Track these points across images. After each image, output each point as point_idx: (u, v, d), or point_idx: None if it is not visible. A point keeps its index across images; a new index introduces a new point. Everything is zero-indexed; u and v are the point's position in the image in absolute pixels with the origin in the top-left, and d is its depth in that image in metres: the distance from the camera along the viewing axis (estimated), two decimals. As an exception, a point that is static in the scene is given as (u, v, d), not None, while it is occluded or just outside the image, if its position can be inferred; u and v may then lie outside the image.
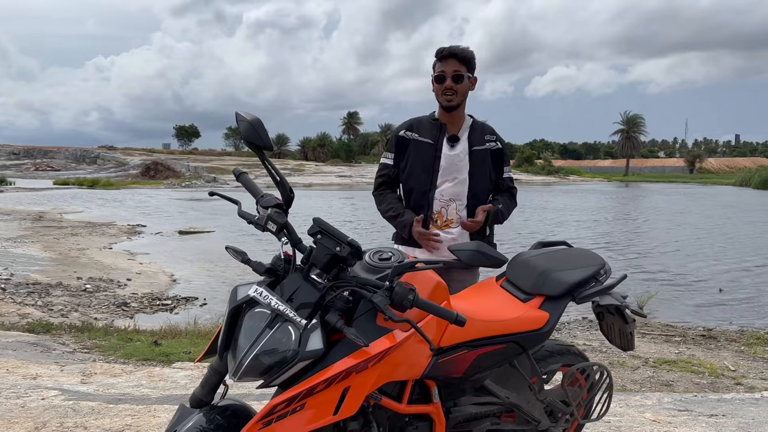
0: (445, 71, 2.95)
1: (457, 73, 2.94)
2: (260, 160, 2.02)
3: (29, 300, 9.01)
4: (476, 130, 3.09)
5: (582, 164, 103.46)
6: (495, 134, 3.15)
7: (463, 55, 2.95)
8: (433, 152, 3.01)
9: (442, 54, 2.96)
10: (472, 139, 3.05)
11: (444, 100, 2.97)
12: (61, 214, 24.45)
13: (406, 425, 2.17)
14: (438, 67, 2.98)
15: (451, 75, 2.93)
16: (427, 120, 3.10)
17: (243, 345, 1.76)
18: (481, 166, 3.05)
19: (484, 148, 3.07)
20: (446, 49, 2.96)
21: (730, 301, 10.31)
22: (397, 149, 3.11)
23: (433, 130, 3.04)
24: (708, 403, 4.42)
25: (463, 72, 2.95)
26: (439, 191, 3.00)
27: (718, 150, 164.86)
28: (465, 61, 2.96)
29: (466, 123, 3.09)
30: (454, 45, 2.99)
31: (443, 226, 3.01)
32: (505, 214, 3.11)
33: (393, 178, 3.14)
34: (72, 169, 68.73)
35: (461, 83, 2.95)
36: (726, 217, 25.86)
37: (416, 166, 3.03)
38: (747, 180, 54.64)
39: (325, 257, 1.86)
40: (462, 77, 2.95)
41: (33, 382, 4.05)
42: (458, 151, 3.02)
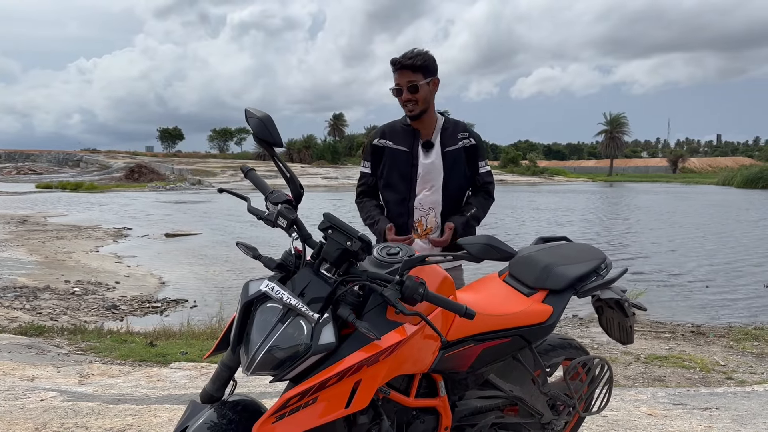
0: (400, 83, 2.89)
1: (412, 83, 2.87)
2: (270, 156, 2.03)
3: (17, 304, 8.91)
4: (448, 129, 3.05)
5: (566, 165, 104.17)
6: (468, 131, 3.10)
7: (415, 63, 2.86)
8: (409, 160, 2.98)
9: (395, 66, 2.89)
10: (445, 140, 3.01)
11: (407, 111, 2.94)
12: (46, 218, 24.20)
13: (414, 419, 2.19)
14: (394, 78, 2.92)
15: (407, 86, 2.87)
16: (399, 126, 3.05)
17: (255, 339, 1.77)
18: (454, 167, 3.01)
19: (457, 148, 3.02)
20: (398, 60, 2.87)
21: (718, 298, 10.46)
22: (373, 157, 3.08)
23: (407, 137, 3.00)
24: (701, 397, 4.48)
25: (418, 81, 2.87)
26: (418, 200, 2.98)
27: (700, 150, 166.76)
28: (420, 68, 2.87)
29: (438, 124, 3.05)
30: (407, 52, 2.90)
31: (424, 234, 2.99)
32: (480, 216, 3.06)
33: (372, 186, 3.12)
34: (55, 173, 68.00)
35: (418, 93, 2.88)
36: (713, 216, 26.17)
37: (393, 175, 3.00)
38: (729, 179, 55.33)
39: (336, 252, 1.87)
40: (417, 87, 2.87)
41: (30, 384, 4.02)
42: (432, 158, 2.99)
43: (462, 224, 2.96)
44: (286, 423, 1.75)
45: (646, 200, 37.28)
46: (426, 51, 2.92)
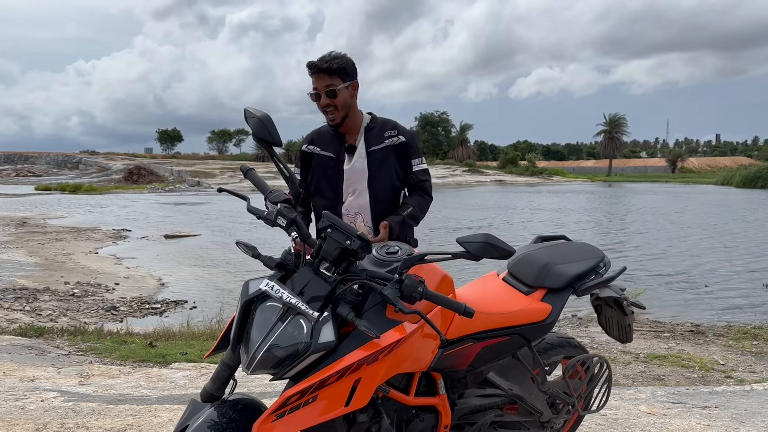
0: (317, 88, 2.78)
1: (329, 88, 2.76)
2: (269, 155, 2.04)
3: (17, 305, 8.92)
4: (374, 129, 2.93)
5: (565, 165, 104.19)
6: (398, 128, 2.96)
7: (332, 67, 2.75)
8: (336, 166, 2.89)
9: (312, 70, 2.78)
10: (369, 140, 2.91)
11: (328, 119, 2.85)
12: (45, 220, 24.21)
13: (413, 417, 2.20)
14: (312, 83, 2.81)
15: (324, 90, 2.77)
16: (327, 131, 2.95)
17: (255, 338, 1.78)
18: (381, 167, 2.90)
19: (383, 146, 2.90)
20: (315, 63, 2.76)
21: (717, 297, 10.47)
22: (302, 164, 2.98)
23: (334, 142, 2.91)
24: (700, 395, 4.49)
25: (336, 85, 2.76)
26: (345, 206, 2.91)
27: (699, 150, 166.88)
28: (337, 72, 2.76)
29: (364, 120, 2.95)
30: (324, 55, 2.79)
31: None
32: (417, 216, 2.93)
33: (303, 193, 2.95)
34: (54, 175, 68.01)
35: (336, 97, 2.78)
36: (713, 215, 26.18)
37: (321, 182, 2.92)
38: (729, 179, 55.32)
39: (335, 251, 1.88)
40: (335, 92, 2.77)
41: (31, 384, 4.03)
42: (355, 161, 2.90)
43: (398, 223, 2.83)
44: (286, 421, 1.75)
45: (645, 200, 37.30)
46: (344, 54, 2.82)
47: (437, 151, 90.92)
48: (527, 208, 30.84)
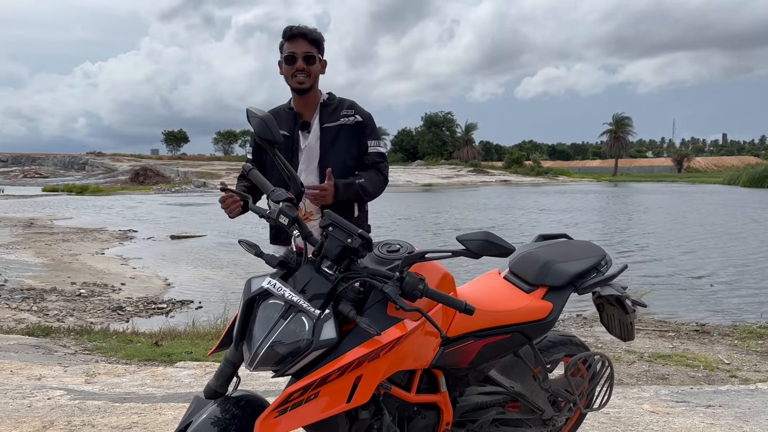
0: (295, 52, 2.75)
1: (308, 53, 2.76)
2: (271, 155, 2.07)
3: (24, 305, 8.98)
4: (329, 106, 2.89)
5: (571, 165, 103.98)
6: (354, 107, 2.91)
7: (312, 36, 2.77)
8: (290, 145, 2.82)
9: (291, 33, 2.76)
10: (324, 117, 2.86)
11: (295, 82, 2.79)
12: (52, 221, 24.34)
13: (415, 414, 2.22)
14: (287, 47, 2.77)
15: (302, 55, 2.75)
16: (283, 110, 2.90)
17: (258, 335, 1.80)
18: (333, 144, 2.83)
19: (338, 124, 2.85)
20: (294, 28, 2.76)
21: (722, 297, 10.44)
22: (255, 144, 2.91)
23: (289, 121, 2.85)
24: (704, 394, 4.49)
25: (314, 53, 2.78)
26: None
27: (705, 149, 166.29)
28: (315, 42, 2.78)
29: (322, 97, 2.91)
30: (302, 25, 2.80)
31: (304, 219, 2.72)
32: (368, 189, 2.82)
33: None
34: (60, 176, 68.33)
35: (313, 65, 2.78)
36: (720, 215, 26.09)
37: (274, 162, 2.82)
38: (735, 178, 55.11)
39: (336, 249, 1.90)
40: (314, 58, 2.77)
41: (38, 383, 4.07)
42: (310, 139, 2.84)
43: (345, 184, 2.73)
44: (289, 417, 1.77)
45: (651, 200, 37.18)
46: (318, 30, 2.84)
47: (442, 152, 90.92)
48: (534, 208, 30.80)
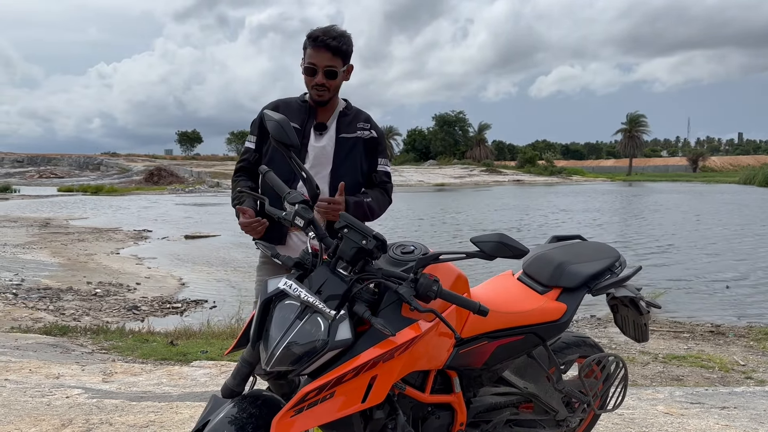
0: (316, 64, 2.56)
1: (330, 68, 2.57)
2: (287, 157, 2.09)
3: (41, 305, 9.09)
4: (348, 116, 2.75)
5: (584, 164, 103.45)
6: (371, 122, 2.80)
7: (338, 48, 2.56)
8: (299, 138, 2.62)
9: (315, 42, 2.56)
10: (341, 126, 2.72)
11: (314, 94, 2.64)
12: (68, 221, 24.59)
13: (429, 414, 2.23)
14: (309, 56, 2.58)
15: (323, 70, 2.57)
16: (296, 102, 2.74)
17: (274, 335, 1.82)
18: (348, 157, 2.70)
19: (355, 137, 2.72)
20: (320, 36, 2.55)
21: (738, 298, 10.35)
22: (260, 131, 2.72)
23: (301, 114, 2.69)
24: (719, 396, 4.47)
25: (337, 67, 2.58)
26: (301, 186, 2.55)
27: (721, 148, 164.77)
28: (341, 53, 2.58)
29: (338, 108, 2.75)
30: (330, 30, 2.58)
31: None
32: (375, 210, 2.72)
33: (254, 163, 2.74)
34: (75, 176, 68.95)
35: (335, 80, 2.61)
36: (737, 215, 25.85)
37: (278, 154, 2.59)
38: (751, 178, 54.58)
39: (351, 250, 1.91)
40: (335, 73, 2.59)
41: (56, 382, 4.13)
42: (324, 143, 2.69)
43: (354, 202, 2.62)
44: (304, 417, 1.79)
45: (666, 199, 36.89)
46: (349, 34, 2.63)
47: (454, 151, 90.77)
48: (553, 209, 30.62)
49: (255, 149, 2.75)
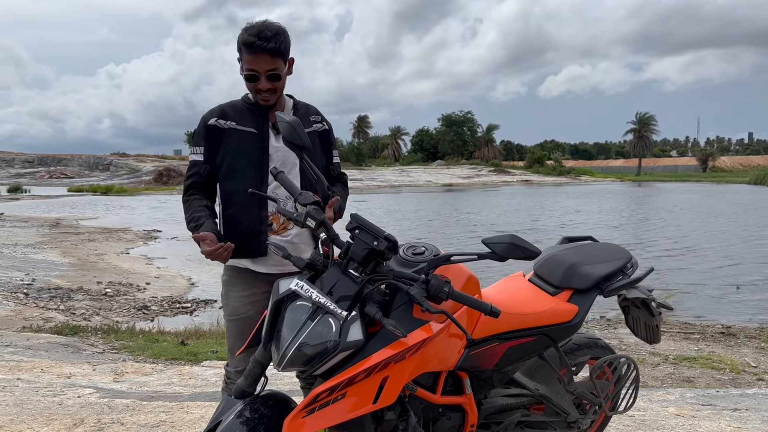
0: (257, 70, 2.40)
1: (273, 71, 2.41)
2: (299, 158, 2.10)
3: (52, 304, 9.16)
4: (299, 110, 2.65)
5: (593, 164, 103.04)
6: (320, 114, 2.73)
7: (276, 48, 2.39)
8: (258, 143, 2.50)
9: (251, 48, 2.37)
10: None
11: (260, 99, 2.49)
12: (78, 221, 24.74)
13: (440, 416, 2.23)
14: (248, 62, 2.41)
15: (266, 75, 2.42)
16: (242, 105, 2.57)
17: (286, 336, 1.82)
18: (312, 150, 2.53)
19: (312, 131, 2.62)
20: (255, 42, 2.36)
21: (749, 299, 10.28)
22: (208, 142, 2.52)
23: (255, 118, 2.53)
24: (730, 397, 4.44)
25: (279, 69, 2.42)
26: (272, 188, 2.50)
27: (731, 148, 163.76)
28: (280, 53, 2.41)
29: (288, 105, 2.64)
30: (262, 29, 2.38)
31: (281, 229, 2.56)
32: (344, 207, 2.62)
33: (206, 176, 2.55)
34: (85, 176, 69.35)
35: (279, 81, 2.46)
36: (748, 215, 25.68)
37: (239, 162, 2.49)
38: (762, 178, 54.22)
39: (363, 251, 1.92)
40: (279, 75, 2.44)
41: (68, 381, 4.16)
42: None
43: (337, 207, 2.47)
44: (316, 417, 1.80)
45: (677, 200, 36.68)
46: (283, 27, 2.46)
47: (462, 151, 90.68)
48: (568, 210, 30.49)
49: (205, 161, 2.54)
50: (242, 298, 2.53)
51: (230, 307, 2.56)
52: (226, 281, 2.61)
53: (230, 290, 2.57)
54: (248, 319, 2.52)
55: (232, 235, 2.45)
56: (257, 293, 2.53)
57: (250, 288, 2.55)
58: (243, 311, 2.53)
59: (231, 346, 2.59)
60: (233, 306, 2.55)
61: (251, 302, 2.53)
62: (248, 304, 2.53)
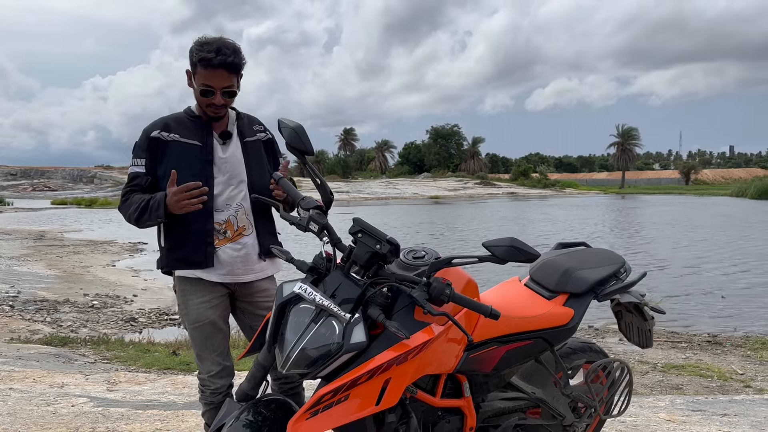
0: (213, 86, 2.42)
1: (229, 89, 2.46)
2: (302, 163, 2.13)
3: (38, 317, 9.06)
4: (242, 120, 2.67)
5: (578, 177, 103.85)
6: (262, 124, 2.76)
7: (234, 65, 2.44)
8: (203, 156, 2.52)
9: (210, 64, 2.39)
10: (242, 130, 2.64)
11: (210, 112, 2.51)
12: (62, 233, 24.54)
13: (439, 419, 2.26)
14: (203, 77, 2.42)
15: (221, 91, 2.44)
16: (185, 118, 2.58)
17: (290, 339, 1.84)
18: (257, 160, 2.64)
19: (256, 139, 2.66)
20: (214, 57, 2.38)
21: (734, 308, 10.41)
22: (150, 154, 2.52)
23: (198, 130, 2.54)
24: (719, 404, 4.50)
25: (234, 86, 2.47)
26: (223, 200, 2.55)
27: (713, 161, 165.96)
28: (236, 69, 2.47)
29: (231, 116, 2.64)
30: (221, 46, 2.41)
31: (236, 236, 2.57)
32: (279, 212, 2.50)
33: (147, 188, 2.54)
34: (69, 189, 68.81)
35: (232, 98, 2.51)
36: (731, 226, 26.00)
37: (183, 174, 2.44)
38: (743, 191, 54.89)
39: (366, 255, 1.95)
40: (234, 92, 2.49)
41: (61, 391, 4.13)
42: (231, 150, 2.59)
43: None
44: (320, 419, 1.82)
45: (661, 212, 37.05)
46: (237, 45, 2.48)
47: (448, 164, 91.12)
48: (559, 221, 30.69)
49: (146, 173, 2.53)
50: (203, 304, 2.56)
51: (192, 315, 2.57)
52: (182, 290, 2.60)
53: (188, 298, 2.58)
54: (211, 324, 2.57)
55: (177, 248, 2.52)
56: (216, 297, 2.57)
57: (208, 293, 2.58)
58: (205, 317, 2.56)
59: (198, 353, 2.63)
60: (195, 313, 2.56)
61: (212, 307, 2.57)
62: (209, 309, 2.56)
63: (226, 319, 2.68)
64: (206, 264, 2.53)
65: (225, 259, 2.56)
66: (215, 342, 2.61)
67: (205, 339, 2.59)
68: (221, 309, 2.61)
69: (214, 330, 2.59)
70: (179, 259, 2.55)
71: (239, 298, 2.67)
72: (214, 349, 2.61)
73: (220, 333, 2.62)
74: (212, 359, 2.62)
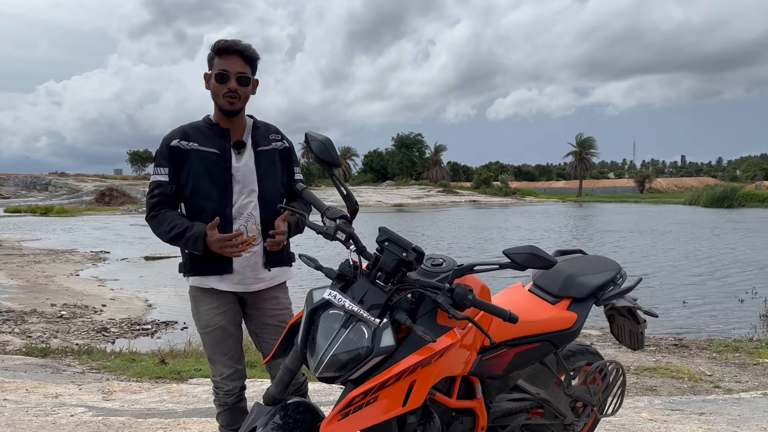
0: (228, 70, 2.55)
1: (242, 74, 2.57)
2: (329, 175, 2.21)
3: (5, 328, 8.84)
4: (259, 129, 2.75)
5: (537, 185, 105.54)
6: (280, 133, 2.82)
7: (248, 53, 2.60)
8: (221, 163, 2.60)
9: (225, 49, 2.56)
10: (257, 140, 2.70)
11: (226, 102, 2.58)
12: (20, 242, 23.86)
13: (454, 419, 2.36)
14: (218, 64, 2.57)
15: (236, 75, 2.56)
16: (204, 126, 2.66)
17: (321, 344, 1.92)
18: (269, 169, 2.70)
19: (271, 148, 2.73)
20: (229, 43, 2.57)
21: (696, 312, 10.82)
22: (171, 162, 2.60)
23: (216, 138, 2.62)
24: (694, 403, 4.71)
25: (248, 74, 2.60)
26: (236, 208, 2.62)
27: (665, 171, 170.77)
28: (250, 60, 2.61)
29: (248, 124, 2.73)
30: (236, 40, 2.61)
31: (247, 244, 2.62)
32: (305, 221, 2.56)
33: (172, 196, 2.62)
34: (22, 197, 66.76)
35: (247, 87, 2.61)
36: (689, 234, 26.82)
37: (204, 181, 2.58)
38: (696, 199, 56.71)
39: (392, 262, 2.04)
40: (248, 79, 2.60)
41: (56, 401, 4.08)
42: (245, 160, 2.65)
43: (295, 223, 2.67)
44: (351, 420, 1.90)
45: (619, 219, 37.99)
46: None
47: (411, 172, 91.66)
48: (533, 228, 31.16)
49: (170, 181, 2.61)
50: (212, 310, 2.66)
51: (203, 320, 2.68)
52: (194, 297, 2.75)
53: (200, 304, 2.70)
54: (221, 329, 2.67)
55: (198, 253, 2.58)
56: (226, 303, 2.67)
57: (217, 300, 2.68)
58: (215, 322, 2.66)
59: (210, 356, 2.72)
60: (205, 319, 2.67)
61: (221, 312, 2.66)
62: (219, 314, 2.66)
63: (238, 324, 2.76)
64: (226, 270, 2.63)
65: (236, 267, 2.65)
66: (226, 346, 2.69)
67: (216, 343, 2.68)
68: (231, 315, 2.70)
69: (225, 335, 2.68)
70: (202, 264, 2.64)
71: (248, 305, 2.77)
72: (225, 353, 2.69)
73: (231, 337, 2.70)
74: (223, 362, 2.70)
